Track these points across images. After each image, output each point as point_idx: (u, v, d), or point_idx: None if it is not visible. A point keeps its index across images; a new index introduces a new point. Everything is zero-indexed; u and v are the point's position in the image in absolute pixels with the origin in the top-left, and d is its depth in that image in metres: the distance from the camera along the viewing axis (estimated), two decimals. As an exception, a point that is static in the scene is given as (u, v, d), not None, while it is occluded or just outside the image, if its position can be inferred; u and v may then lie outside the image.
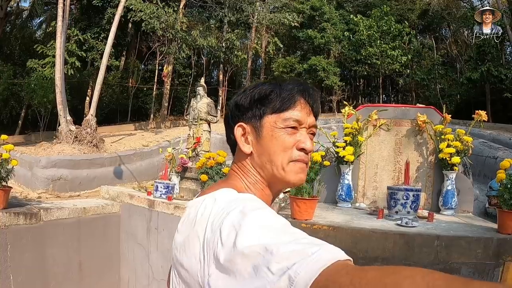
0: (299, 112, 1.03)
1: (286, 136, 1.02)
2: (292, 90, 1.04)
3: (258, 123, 1.04)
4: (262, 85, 1.07)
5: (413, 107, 5.50)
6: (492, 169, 7.48)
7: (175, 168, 6.57)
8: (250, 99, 1.05)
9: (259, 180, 1.06)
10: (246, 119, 1.06)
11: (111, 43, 11.70)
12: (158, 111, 21.84)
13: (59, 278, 5.59)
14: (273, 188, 1.08)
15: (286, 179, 1.03)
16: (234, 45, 21.27)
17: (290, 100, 1.03)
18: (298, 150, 1.02)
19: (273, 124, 1.02)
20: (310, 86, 1.10)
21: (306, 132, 1.05)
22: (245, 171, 1.07)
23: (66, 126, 10.00)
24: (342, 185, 4.78)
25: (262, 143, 1.03)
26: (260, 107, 1.04)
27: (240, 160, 1.08)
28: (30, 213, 5.31)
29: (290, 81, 1.08)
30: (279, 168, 1.02)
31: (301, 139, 1.02)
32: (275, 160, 1.02)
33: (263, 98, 1.04)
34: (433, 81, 22.05)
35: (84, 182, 8.00)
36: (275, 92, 1.03)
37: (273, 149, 1.02)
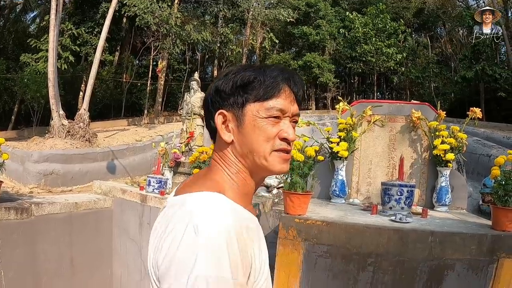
0: (283, 101, 1.00)
1: (268, 126, 0.99)
2: (276, 78, 1.00)
3: (240, 111, 1.00)
4: (245, 71, 1.02)
5: (407, 103, 5.48)
6: (485, 167, 7.51)
7: (168, 162, 6.53)
8: (232, 85, 1.01)
9: (241, 169, 1.03)
10: (227, 106, 1.02)
11: (105, 37, 11.62)
12: (152, 106, 21.76)
13: (51, 273, 5.53)
14: (256, 176, 1.05)
15: (269, 168, 1.01)
16: (229, 39, 21.19)
17: (274, 88, 0.99)
18: (280, 140, 1.00)
19: (255, 113, 0.99)
20: (295, 73, 1.06)
21: (289, 121, 1.02)
22: (227, 161, 1.03)
23: (58, 121, 9.92)
24: (336, 181, 4.75)
25: (243, 132, 1.00)
26: (243, 94, 1.00)
27: (221, 149, 1.05)
28: (21, 208, 5.25)
29: (274, 68, 1.03)
30: (261, 158, 1.00)
31: (283, 128, 1.00)
32: (257, 150, 0.99)
33: (245, 84, 1.00)
34: (427, 80, 22.13)
35: (77, 177, 7.94)
36: (259, 79, 0.99)
37: (255, 138, 0.99)
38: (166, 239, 0.87)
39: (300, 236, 3.40)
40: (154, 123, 18.05)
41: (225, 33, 20.90)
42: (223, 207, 0.90)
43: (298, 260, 3.38)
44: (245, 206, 1.00)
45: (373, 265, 3.27)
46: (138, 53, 24.05)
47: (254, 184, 1.07)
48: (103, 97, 22.09)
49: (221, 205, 0.90)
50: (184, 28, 18.59)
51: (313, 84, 24.17)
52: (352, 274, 3.31)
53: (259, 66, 1.04)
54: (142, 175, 8.81)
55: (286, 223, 3.44)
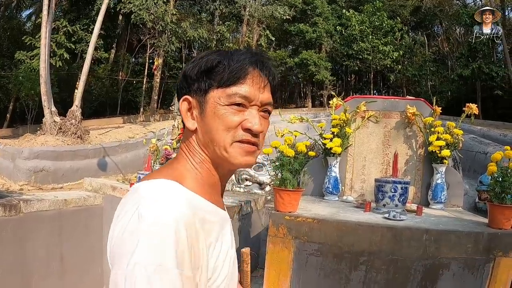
0: (248, 88, 0.92)
1: (229, 114, 0.92)
2: (243, 62, 0.92)
3: (203, 98, 0.95)
4: (210, 55, 0.95)
5: (402, 99, 5.41)
6: (482, 164, 7.44)
7: (159, 159, 6.44)
8: (197, 70, 0.95)
9: (205, 159, 0.96)
10: (192, 92, 0.96)
11: (97, 33, 11.50)
12: (148, 104, 21.66)
13: (41, 272, 5.44)
14: (220, 169, 0.98)
15: (230, 160, 0.94)
16: (225, 37, 21.11)
17: (239, 73, 0.92)
18: (243, 130, 0.92)
19: (216, 100, 0.92)
20: (266, 57, 0.99)
21: (256, 110, 0.94)
22: (191, 150, 0.98)
23: (50, 117, 9.82)
24: (329, 178, 4.66)
25: (205, 120, 0.94)
26: (206, 79, 0.94)
27: (187, 137, 1.00)
28: (10, 204, 5.15)
29: (243, 52, 0.96)
30: (221, 148, 0.93)
31: (248, 118, 0.92)
32: (217, 140, 0.93)
33: (210, 69, 0.94)
34: (424, 78, 22.14)
35: (67, 174, 7.85)
36: (223, 63, 0.92)
37: (215, 127, 0.92)
38: (116, 225, 0.84)
39: (291, 234, 3.31)
40: (150, 120, 17.95)
41: (221, 31, 20.82)
42: (175, 195, 0.84)
43: (289, 258, 3.29)
44: (209, 197, 0.94)
45: (366, 264, 3.19)
46: (134, 50, 23.93)
47: (221, 175, 1.00)
48: (99, 95, 22.00)
49: (173, 193, 0.85)
50: (180, 25, 18.49)
51: (310, 82, 24.13)
52: (344, 273, 3.23)
53: (228, 51, 0.98)
54: (134, 172, 8.73)
55: (276, 220, 3.36)
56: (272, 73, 0.97)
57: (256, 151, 0.96)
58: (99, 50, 18.86)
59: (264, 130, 0.96)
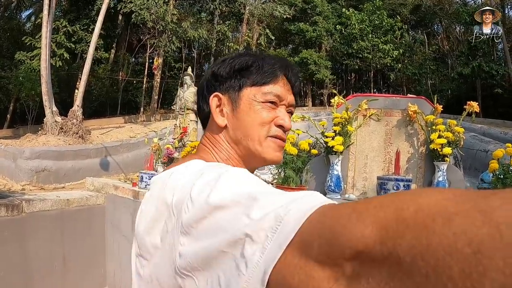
0: (280, 88, 0.97)
1: (264, 110, 0.95)
2: (274, 65, 0.97)
3: (236, 95, 0.96)
4: (243, 56, 1.00)
5: (403, 97, 5.41)
6: (483, 162, 7.45)
7: (161, 158, 6.46)
8: (229, 69, 0.98)
9: (233, 156, 0.97)
10: (223, 89, 0.98)
11: (98, 32, 11.52)
12: (148, 104, 21.68)
13: (43, 272, 5.45)
14: (247, 166, 0.99)
15: (263, 155, 0.96)
16: (226, 36, 21.12)
17: (272, 74, 0.96)
18: (276, 126, 0.96)
19: (252, 97, 0.95)
20: (293, 64, 1.04)
21: (285, 109, 0.98)
22: (217, 146, 0.98)
23: (51, 117, 9.84)
24: (331, 176, 4.67)
25: (238, 116, 0.96)
26: (240, 78, 0.97)
27: (212, 134, 1.00)
28: (12, 204, 5.16)
29: (273, 56, 1.01)
30: (255, 143, 0.95)
31: (280, 115, 0.97)
32: (252, 134, 0.95)
33: (243, 69, 0.97)
34: (424, 76, 22.14)
35: (69, 173, 7.86)
36: (257, 64, 0.97)
37: (250, 123, 0.95)
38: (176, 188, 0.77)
39: (294, 232, 3.32)
40: (150, 120, 17.97)
41: (222, 30, 20.83)
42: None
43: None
44: None
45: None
46: (134, 50, 23.95)
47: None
48: (99, 95, 22.01)
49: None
50: (180, 25, 18.50)
51: (310, 81, 24.14)
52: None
53: (258, 53, 1.03)
54: (136, 171, 8.73)
55: (279, 218, 3.36)
56: (297, 79, 1.03)
57: (284, 147, 1.01)
58: (99, 50, 18.89)
59: (291, 127, 1.00)
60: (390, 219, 0.38)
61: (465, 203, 0.34)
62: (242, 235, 0.55)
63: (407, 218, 0.37)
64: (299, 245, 0.48)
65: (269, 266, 0.50)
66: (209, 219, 0.62)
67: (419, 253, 0.33)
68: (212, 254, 0.59)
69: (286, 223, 0.51)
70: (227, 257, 0.57)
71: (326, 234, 0.45)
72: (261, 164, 1.02)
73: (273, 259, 0.49)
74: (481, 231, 0.30)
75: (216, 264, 0.59)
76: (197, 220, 0.64)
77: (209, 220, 0.62)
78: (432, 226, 0.34)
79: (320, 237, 0.45)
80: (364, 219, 0.41)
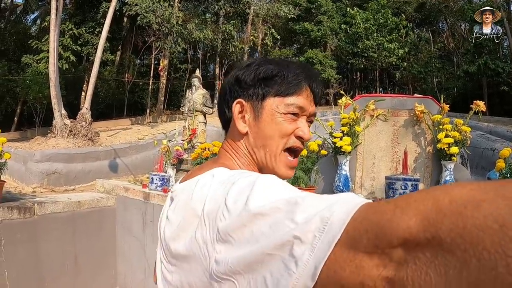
0: (303, 99, 0.97)
1: (286, 122, 0.96)
2: (299, 75, 0.97)
3: (259, 104, 0.97)
4: (268, 64, 0.99)
5: (410, 97, 5.44)
6: (489, 161, 7.45)
7: (171, 160, 6.52)
8: (254, 76, 0.98)
9: (251, 162, 0.99)
10: (246, 96, 0.98)
11: (105, 36, 11.61)
12: (155, 105, 21.77)
13: (55, 272, 5.53)
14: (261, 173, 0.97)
15: (275, 169, 0.97)
16: (232, 35, 21.17)
17: (297, 86, 0.97)
18: (295, 138, 0.98)
19: (275, 107, 0.96)
20: (317, 74, 1.05)
21: (305, 120, 1.00)
22: (238, 152, 1.00)
23: (60, 120, 9.93)
24: (340, 176, 4.72)
25: (260, 125, 0.97)
26: (264, 87, 0.97)
27: (233, 139, 1.01)
28: (24, 207, 5.24)
29: (298, 65, 1.01)
30: (272, 155, 0.97)
31: (300, 126, 0.98)
32: (270, 145, 0.97)
33: (268, 78, 0.97)
34: (430, 74, 22.04)
35: (79, 175, 7.94)
36: (282, 74, 0.97)
37: (270, 133, 0.96)
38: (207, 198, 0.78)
39: (304, 232, 3.37)
40: (157, 121, 18.05)
41: (227, 30, 20.87)
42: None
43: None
44: None
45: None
46: (140, 52, 24.05)
47: None
48: (105, 97, 22.11)
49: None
50: (186, 26, 18.56)
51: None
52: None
53: (283, 61, 1.02)
54: (145, 173, 8.80)
55: (290, 218, 3.41)
56: (320, 89, 1.03)
57: (295, 166, 1.02)
58: (105, 52, 18.99)
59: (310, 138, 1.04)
60: (430, 210, 0.44)
61: (488, 192, 0.42)
62: (290, 237, 0.57)
63: (443, 208, 0.44)
64: (347, 241, 0.52)
65: (320, 262, 0.53)
66: (249, 227, 0.64)
67: (457, 234, 0.41)
68: (257, 258, 0.61)
69: (332, 223, 0.54)
70: (274, 259, 0.59)
71: (374, 229, 0.49)
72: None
73: (324, 256, 0.53)
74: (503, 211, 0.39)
75: (261, 266, 0.60)
76: (236, 228, 0.66)
77: (249, 227, 0.64)
78: (465, 212, 0.41)
79: (368, 232, 0.50)
80: (408, 212, 0.46)
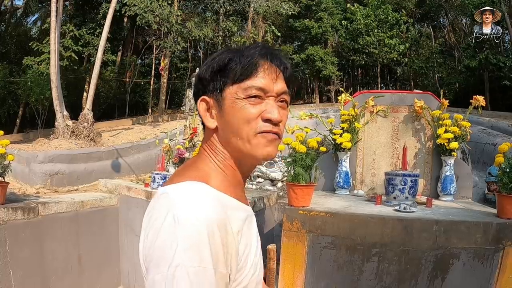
0: (262, 79, 0.95)
1: (248, 106, 0.94)
2: (253, 55, 0.96)
3: (220, 96, 0.97)
4: (222, 54, 1.00)
5: (410, 93, 5.47)
6: (491, 156, 7.46)
7: (172, 159, 6.56)
8: (210, 71, 0.99)
9: (227, 156, 1.00)
10: (208, 92, 1.00)
11: (106, 37, 11.62)
12: (156, 105, 21.80)
13: (59, 272, 5.57)
14: (242, 165, 1.02)
15: (252, 153, 0.96)
16: (232, 32, 21.15)
17: (251, 67, 0.95)
18: (263, 121, 0.95)
19: (234, 95, 0.95)
20: (275, 48, 1.03)
21: (273, 101, 0.97)
22: (213, 149, 1.01)
23: (62, 121, 9.97)
24: (340, 172, 4.75)
25: (225, 117, 0.97)
26: (221, 78, 0.97)
27: (208, 137, 1.03)
28: (28, 208, 5.27)
29: (253, 46, 0.99)
30: (245, 141, 0.95)
31: (266, 108, 0.95)
32: (240, 134, 0.95)
33: (222, 68, 0.97)
34: (431, 70, 22.00)
35: (82, 176, 7.97)
36: (235, 59, 0.96)
37: (236, 121, 0.95)
38: (150, 230, 0.88)
39: (304, 228, 3.40)
40: (159, 121, 18.07)
41: (228, 27, 20.86)
42: (205, 197, 0.88)
43: (303, 251, 3.39)
44: (234, 194, 0.99)
45: (378, 255, 3.27)
46: (140, 52, 24.10)
47: (244, 171, 1.04)
48: (107, 97, 22.15)
49: (203, 195, 0.89)
50: (185, 25, 18.56)
51: (317, 78, 24.12)
52: (357, 264, 3.32)
53: (238, 48, 1.02)
54: (147, 172, 8.83)
55: (290, 215, 3.45)
56: (284, 63, 1.00)
57: (277, 140, 0.99)
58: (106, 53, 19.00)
59: (283, 119, 0.98)
60: None
61: None
62: None
63: None
64: None
65: None
66: None
67: None
68: None
69: None
70: None
71: None
72: (254, 162, 1.03)
73: None
74: None
75: None
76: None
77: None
78: None
79: None
80: None
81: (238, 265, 0.90)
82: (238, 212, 0.95)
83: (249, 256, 0.95)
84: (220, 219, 0.86)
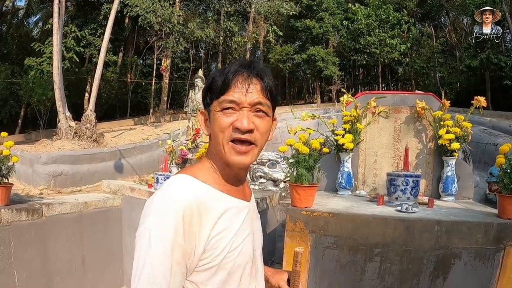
0: (233, 93, 1.10)
1: (223, 117, 1.10)
2: (228, 74, 1.12)
3: (209, 109, 1.16)
4: (213, 73, 1.20)
5: (411, 93, 5.49)
6: (492, 156, 7.48)
7: (175, 160, 6.59)
8: (205, 89, 1.19)
9: (218, 158, 1.17)
10: (205, 106, 1.20)
11: (108, 37, 11.66)
12: (158, 105, 21.83)
13: (63, 273, 5.60)
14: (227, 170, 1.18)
15: (225, 158, 1.13)
16: (233, 32, 21.18)
17: (224, 84, 1.11)
18: (233, 130, 1.10)
19: (213, 108, 1.13)
20: (253, 62, 1.18)
21: (247, 111, 1.11)
22: (210, 151, 1.21)
23: (65, 122, 10.00)
24: (342, 173, 4.77)
25: (211, 126, 1.16)
26: (209, 94, 1.16)
27: (209, 142, 1.23)
28: (32, 209, 5.30)
29: (234, 62, 1.17)
30: (221, 147, 1.12)
31: (237, 118, 1.09)
32: (218, 141, 1.12)
33: (209, 86, 1.16)
34: (432, 70, 22.00)
35: (85, 177, 7.99)
36: (216, 79, 1.14)
37: (216, 130, 1.12)
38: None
39: (307, 228, 3.43)
40: (160, 121, 18.09)
41: (229, 27, 20.89)
42: (184, 184, 1.09)
43: (306, 252, 3.42)
44: (226, 189, 1.17)
45: (380, 256, 3.30)
46: (142, 52, 24.13)
47: (234, 171, 1.19)
48: (109, 97, 22.17)
49: (183, 183, 1.10)
50: (187, 26, 18.58)
51: (318, 78, 24.14)
52: (360, 264, 3.35)
53: (226, 66, 1.17)
54: (150, 173, 8.87)
55: (293, 215, 3.48)
56: (260, 75, 1.14)
57: (249, 151, 1.13)
58: (108, 53, 19.03)
59: (257, 127, 1.12)
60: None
61: None
62: None
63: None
64: None
65: None
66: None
67: None
68: None
69: None
70: None
71: None
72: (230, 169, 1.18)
73: None
74: None
75: None
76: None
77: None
78: None
79: None
80: None
81: (207, 245, 1.06)
82: (220, 202, 1.12)
83: (223, 239, 1.09)
84: (190, 201, 1.04)
